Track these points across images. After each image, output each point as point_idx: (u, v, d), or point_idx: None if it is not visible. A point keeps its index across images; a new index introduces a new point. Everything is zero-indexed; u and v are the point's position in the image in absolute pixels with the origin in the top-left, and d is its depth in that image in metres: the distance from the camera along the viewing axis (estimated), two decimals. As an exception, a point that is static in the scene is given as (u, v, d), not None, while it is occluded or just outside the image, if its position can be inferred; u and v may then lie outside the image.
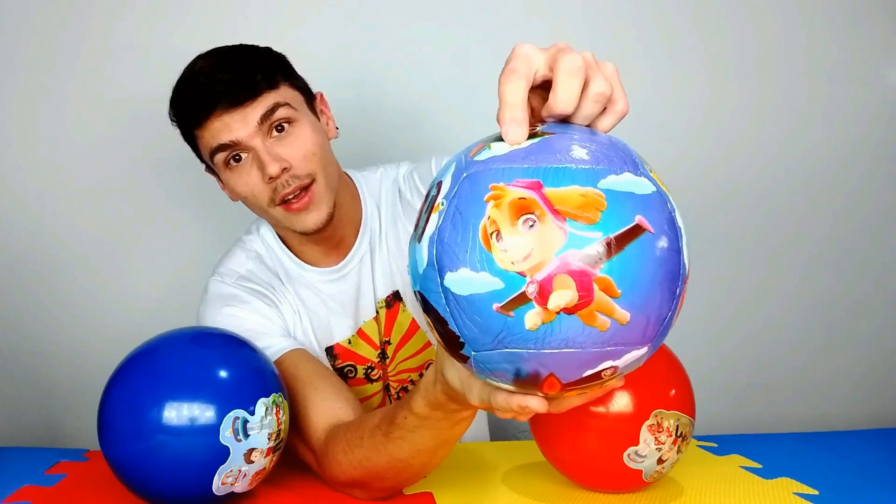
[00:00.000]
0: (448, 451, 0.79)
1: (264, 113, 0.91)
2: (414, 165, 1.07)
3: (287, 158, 0.91)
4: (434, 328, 0.52)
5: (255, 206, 0.96)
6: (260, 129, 0.91)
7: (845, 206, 1.57)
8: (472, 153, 0.51)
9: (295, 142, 0.93)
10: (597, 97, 0.51)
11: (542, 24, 1.47)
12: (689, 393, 0.86)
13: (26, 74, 1.37)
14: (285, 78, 0.95)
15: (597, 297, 0.45)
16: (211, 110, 0.90)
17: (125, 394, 0.78)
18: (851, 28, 1.54)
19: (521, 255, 0.45)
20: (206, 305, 1.00)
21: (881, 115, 1.56)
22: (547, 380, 0.50)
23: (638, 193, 0.48)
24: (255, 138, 0.91)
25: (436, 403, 0.69)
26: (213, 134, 0.91)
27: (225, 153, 0.92)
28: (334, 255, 1.03)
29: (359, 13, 1.44)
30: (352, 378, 1.05)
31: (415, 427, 0.73)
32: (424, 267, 0.50)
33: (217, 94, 0.90)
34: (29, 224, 1.39)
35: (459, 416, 0.71)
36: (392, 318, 1.05)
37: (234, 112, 0.90)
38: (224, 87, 0.90)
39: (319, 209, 0.94)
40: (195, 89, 0.92)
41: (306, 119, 0.95)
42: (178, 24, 1.39)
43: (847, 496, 0.87)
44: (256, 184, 0.92)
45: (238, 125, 0.90)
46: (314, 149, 0.94)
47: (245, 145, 0.91)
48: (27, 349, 1.40)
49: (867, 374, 1.59)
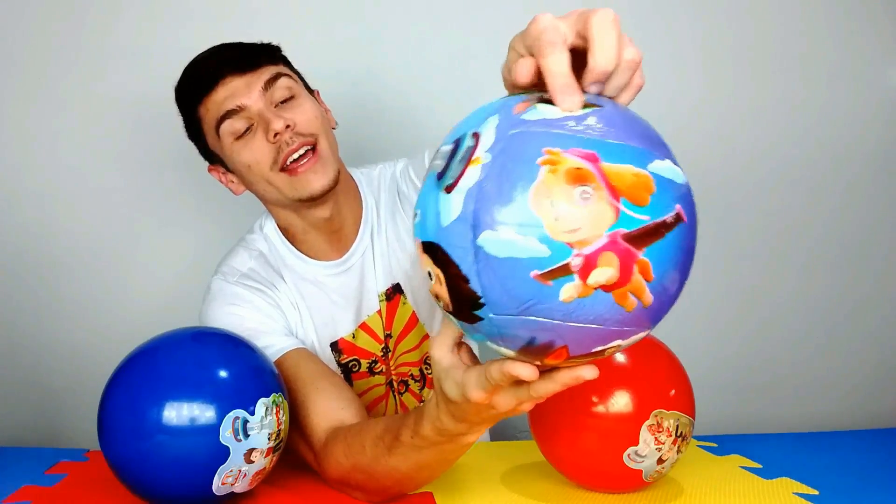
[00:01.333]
0: (449, 466, 0.79)
1: (268, 79, 0.95)
2: (408, 160, 1.09)
3: (291, 118, 0.94)
4: (446, 283, 0.49)
5: (258, 177, 0.96)
6: (264, 95, 0.94)
7: (845, 206, 1.57)
8: (517, 110, 0.49)
9: (298, 108, 0.96)
10: (628, 65, 0.49)
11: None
12: (689, 393, 0.86)
13: (25, 75, 1.37)
14: (284, 63, 1.01)
15: (634, 278, 0.46)
16: (218, 76, 0.94)
17: (125, 394, 0.78)
18: (851, 28, 1.54)
19: (572, 225, 0.44)
20: (209, 304, 1.00)
21: (881, 115, 1.56)
22: (557, 350, 0.49)
23: (676, 182, 0.48)
24: (259, 103, 0.94)
25: (443, 430, 0.68)
26: (220, 102, 0.94)
27: (231, 121, 0.94)
28: (337, 248, 1.04)
29: (359, 12, 1.44)
30: (356, 372, 1.05)
31: (419, 447, 0.73)
32: (452, 220, 0.47)
33: (223, 62, 0.95)
34: (29, 224, 1.39)
35: (465, 440, 0.70)
36: (392, 311, 1.05)
37: (239, 77, 0.94)
38: (230, 56, 0.96)
39: (326, 171, 0.95)
40: (202, 64, 0.98)
41: (306, 94, 1.00)
42: (178, 24, 1.39)
43: (847, 496, 0.87)
44: (261, 147, 0.94)
45: (243, 90, 0.94)
46: (316, 114, 0.97)
47: (250, 111, 0.94)
48: (27, 349, 1.40)
49: (867, 374, 1.59)
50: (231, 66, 0.94)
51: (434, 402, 0.67)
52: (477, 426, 0.67)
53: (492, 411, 0.61)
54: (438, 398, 0.66)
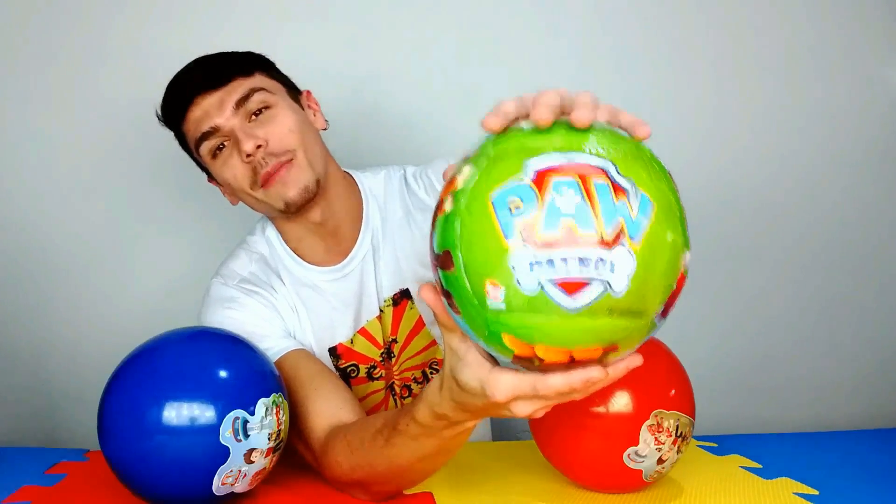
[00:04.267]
0: (449, 458, 0.79)
1: (240, 98, 0.94)
2: (426, 165, 1.08)
3: (263, 136, 0.93)
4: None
5: (241, 193, 0.97)
6: (237, 113, 0.94)
7: (845, 207, 1.57)
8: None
9: (272, 121, 0.95)
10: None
11: (542, 26, 1.47)
12: (689, 393, 0.86)
13: (23, 76, 1.37)
14: (261, 68, 0.99)
15: None
16: (189, 99, 0.95)
17: (125, 394, 0.78)
18: (851, 28, 1.54)
19: None
20: (208, 307, 1.00)
21: (881, 115, 1.56)
22: None
23: None
24: (233, 120, 0.94)
25: (440, 414, 0.67)
26: (195, 124, 0.95)
27: (208, 142, 0.95)
28: (336, 253, 1.03)
29: (358, 15, 1.44)
30: (354, 377, 1.05)
31: (417, 435, 0.72)
32: None
33: (192, 83, 0.95)
34: (28, 225, 1.39)
35: (462, 427, 0.70)
36: (399, 316, 1.05)
37: (209, 96, 0.94)
38: (199, 77, 0.96)
39: (299, 178, 0.95)
40: (175, 87, 0.98)
41: (285, 103, 0.98)
42: (176, 24, 1.39)
43: (847, 496, 0.87)
44: (237, 167, 0.95)
45: (215, 111, 0.94)
46: (292, 126, 0.95)
47: (224, 131, 0.94)
48: (27, 349, 1.40)
49: (867, 375, 1.58)
50: (201, 86, 0.94)
51: (437, 386, 0.66)
52: (477, 416, 0.66)
53: (504, 410, 0.60)
54: (446, 384, 0.64)
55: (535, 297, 0.48)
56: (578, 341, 0.50)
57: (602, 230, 0.47)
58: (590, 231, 0.47)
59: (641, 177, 0.49)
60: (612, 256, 0.47)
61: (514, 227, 0.48)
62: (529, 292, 0.48)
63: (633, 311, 0.49)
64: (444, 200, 0.52)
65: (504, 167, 0.49)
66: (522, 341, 0.50)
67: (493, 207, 0.48)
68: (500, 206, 0.48)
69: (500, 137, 0.52)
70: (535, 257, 0.47)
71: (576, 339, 0.50)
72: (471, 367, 0.59)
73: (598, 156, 0.49)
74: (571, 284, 0.47)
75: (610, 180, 0.48)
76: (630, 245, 0.47)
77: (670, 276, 0.50)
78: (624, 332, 0.50)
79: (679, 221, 0.51)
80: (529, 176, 0.48)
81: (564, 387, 0.53)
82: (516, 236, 0.47)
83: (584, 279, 0.47)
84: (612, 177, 0.48)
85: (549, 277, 0.47)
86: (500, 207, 0.48)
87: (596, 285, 0.47)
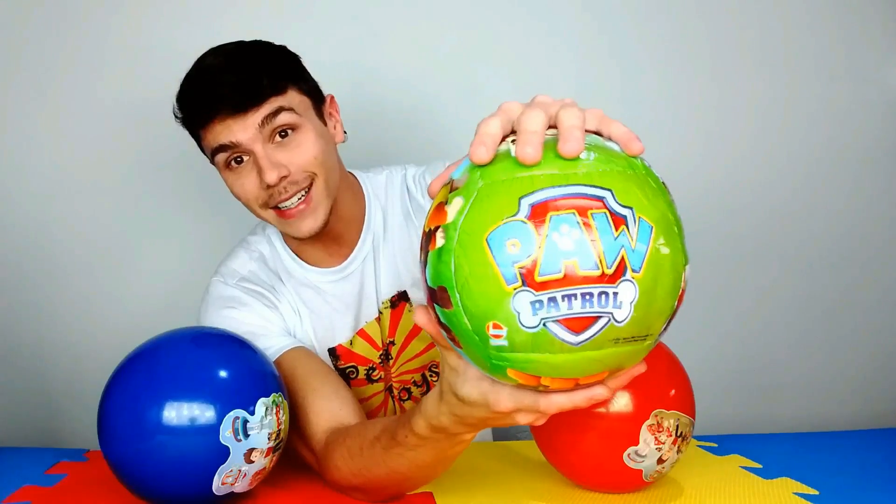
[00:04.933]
0: (449, 465, 0.78)
1: (266, 116, 0.90)
2: (424, 167, 1.07)
3: (286, 164, 0.91)
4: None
5: (247, 206, 0.97)
6: (261, 132, 0.90)
7: (845, 207, 1.57)
8: None
9: (296, 149, 0.92)
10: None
11: (543, 25, 1.47)
12: (689, 393, 0.86)
13: (26, 75, 1.37)
14: (293, 82, 0.94)
15: None
16: (214, 114, 0.90)
17: (125, 394, 0.78)
18: (851, 28, 1.54)
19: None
20: (207, 306, 1.00)
21: (881, 115, 1.56)
22: None
23: None
24: (255, 142, 0.90)
25: (439, 427, 0.66)
26: (215, 135, 0.91)
27: (225, 154, 0.92)
28: (337, 254, 1.03)
29: (361, 14, 1.44)
30: (353, 379, 1.05)
31: (414, 446, 0.72)
32: None
33: (220, 97, 0.89)
34: (29, 225, 1.39)
35: (461, 438, 0.69)
36: (397, 319, 1.04)
37: (236, 117, 0.90)
38: (229, 90, 0.89)
39: (315, 215, 0.94)
40: (200, 89, 0.92)
41: (310, 125, 0.94)
42: (178, 24, 1.39)
43: (847, 496, 0.87)
44: (253, 188, 0.93)
45: (239, 128, 0.90)
46: (316, 154, 0.93)
47: (245, 148, 0.91)
48: (27, 349, 1.40)
49: (867, 374, 1.59)
50: (229, 105, 0.89)
51: (436, 398, 0.65)
52: (476, 428, 0.66)
53: (507, 420, 0.59)
54: (446, 397, 0.63)
55: (538, 335, 0.47)
56: (584, 371, 0.50)
57: (604, 266, 0.46)
58: (591, 268, 0.46)
59: (639, 200, 0.48)
60: (615, 290, 0.46)
61: (514, 269, 0.46)
62: (533, 331, 0.47)
63: (637, 336, 0.49)
64: (434, 232, 0.50)
65: (497, 203, 0.48)
66: (527, 374, 0.50)
67: (489, 249, 0.47)
68: (497, 248, 0.47)
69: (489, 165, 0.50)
70: (537, 298, 0.46)
71: (581, 370, 0.50)
72: (471, 381, 0.59)
73: (594, 184, 0.47)
74: (575, 321, 0.47)
75: (608, 210, 0.46)
76: (632, 275, 0.46)
77: (673, 296, 0.50)
78: (629, 356, 0.50)
79: (677, 237, 0.50)
80: (525, 212, 0.47)
81: (568, 405, 0.54)
82: (517, 279, 0.46)
83: (588, 315, 0.46)
84: (610, 206, 0.47)
85: (553, 317, 0.46)
86: (497, 249, 0.47)
87: (600, 320, 0.47)
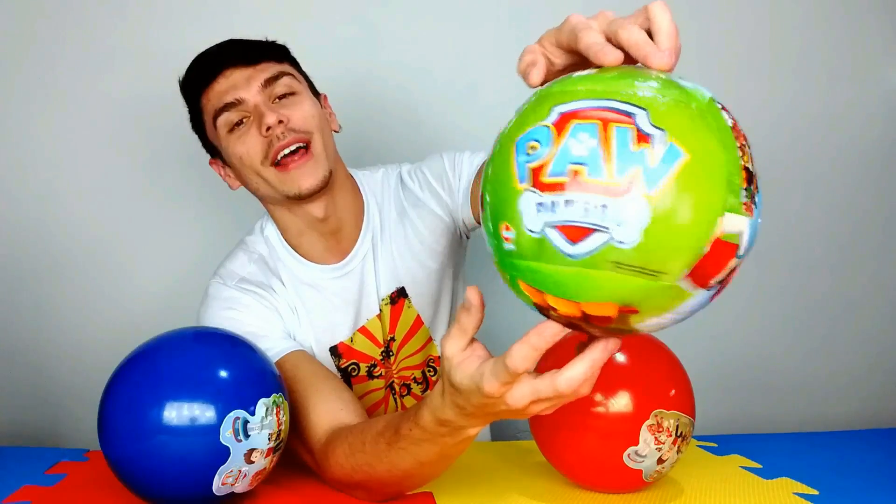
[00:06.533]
0: (450, 464, 0.78)
1: (269, 77, 0.96)
2: (421, 162, 1.08)
3: (286, 114, 0.95)
4: None
5: (249, 171, 0.97)
6: (263, 91, 0.95)
7: (844, 206, 1.57)
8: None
9: (295, 106, 0.97)
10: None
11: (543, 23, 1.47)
12: (689, 393, 0.86)
13: (26, 75, 1.37)
14: (293, 64, 1.02)
15: None
16: (220, 68, 0.96)
17: (125, 394, 0.78)
18: (851, 28, 1.54)
19: None
20: (206, 308, 1.00)
21: (881, 115, 1.56)
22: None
23: None
24: (258, 97, 0.95)
25: (443, 419, 0.67)
26: (220, 94, 0.95)
27: (228, 114, 0.96)
28: (336, 251, 1.04)
29: (360, 13, 1.44)
30: (355, 376, 1.05)
31: (419, 440, 0.72)
32: None
33: (227, 54, 0.97)
34: (29, 224, 1.39)
35: (465, 434, 0.69)
36: (397, 315, 1.05)
37: (240, 70, 0.95)
38: (234, 49, 0.98)
39: (316, 170, 0.96)
40: (207, 54, 0.99)
41: (308, 94, 1.00)
42: (179, 24, 1.39)
43: (847, 496, 0.87)
44: (253, 140, 0.95)
45: (243, 84, 0.95)
46: (314, 112, 0.97)
47: (247, 106, 0.95)
48: (27, 349, 1.40)
49: (867, 374, 1.59)
50: (234, 59, 0.96)
51: (439, 391, 0.66)
52: (479, 420, 0.66)
53: (501, 406, 0.60)
54: (446, 388, 0.64)
55: (540, 241, 0.46)
56: (586, 295, 0.47)
57: (612, 177, 0.44)
58: (597, 177, 0.44)
59: (679, 127, 0.45)
60: (620, 205, 0.44)
61: (527, 168, 0.47)
62: (535, 236, 0.46)
63: (647, 269, 0.45)
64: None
65: (535, 112, 0.48)
66: (534, 288, 0.49)
67: (514, 150, 0.48)
68: (519, 150, 0.47)
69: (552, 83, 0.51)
70: (541, 200, 0.46)
71: (583, 292, 0.47)
72: (462, 368, 0.60)
73: (632, 102, 0.46)
74: (573, 230, 0.45)
75: (635, 126, 0.45)
76: (645, 195, 0.44)
77: (697, 236, 0.45)
78: (640, 293, 0.46)
79: (723, 181, 0.45)
80: (553, 119, 0.47)
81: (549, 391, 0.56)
82: (526, 179, 0.46)
83: (586, 226, 0.45)
84: (639, 124, 0.45)
85: (553, 222, 0.45)
86: (519, 151, 0.47)
87: (598, 234, 0.45)
